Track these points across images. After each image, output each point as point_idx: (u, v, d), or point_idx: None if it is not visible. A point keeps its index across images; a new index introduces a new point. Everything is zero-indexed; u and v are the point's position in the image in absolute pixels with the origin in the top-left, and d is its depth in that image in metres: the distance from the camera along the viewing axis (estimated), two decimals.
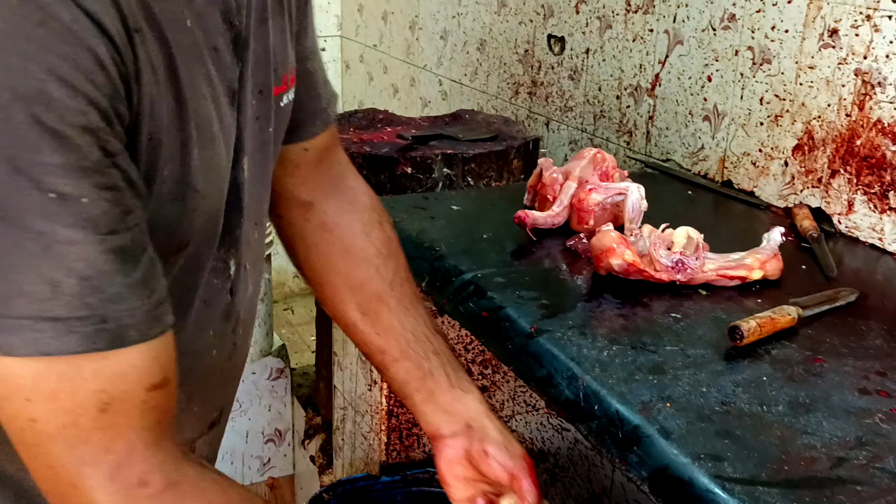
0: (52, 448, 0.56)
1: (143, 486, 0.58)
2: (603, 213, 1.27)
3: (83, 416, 0.56)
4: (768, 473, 0.76)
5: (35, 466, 0.58)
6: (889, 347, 0.99)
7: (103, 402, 0.56)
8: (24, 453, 0.58)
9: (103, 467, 0.57)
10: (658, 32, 1.67)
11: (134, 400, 0.58)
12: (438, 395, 0.94)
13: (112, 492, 0.58)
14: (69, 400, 0.55)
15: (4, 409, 0.56)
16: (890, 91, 1.25)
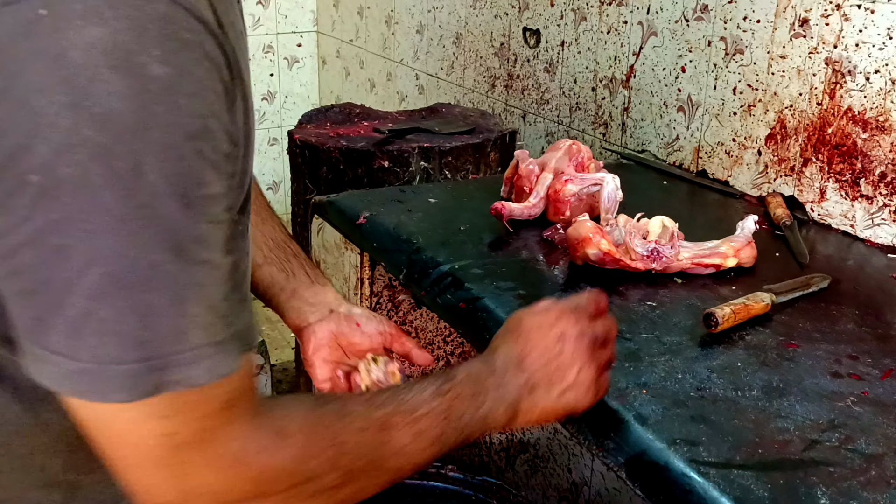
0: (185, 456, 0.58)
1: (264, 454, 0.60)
2: (579, 203, 1.28)
3: (213, 417, 0.58)
4: (743, 456, 0.77)
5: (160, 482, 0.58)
6: (861, 332, 1.00)
7: (230, 400, 0.58)
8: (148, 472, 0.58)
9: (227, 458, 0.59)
10: (632, 24, 1.68)
11: (249, 390, 0.61)
12: (301, 291, 1.02)
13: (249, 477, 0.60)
14: (204, 406, 0.57)
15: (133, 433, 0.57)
16: (860, 79, 1.26)
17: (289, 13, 3.17)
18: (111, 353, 0.53)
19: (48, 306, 0.53)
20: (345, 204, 1.38)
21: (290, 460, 0.62)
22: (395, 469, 0.69)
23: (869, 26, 1.24)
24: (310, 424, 0.64)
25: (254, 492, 0.61)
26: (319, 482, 0.64)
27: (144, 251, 0.52)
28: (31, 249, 0.52)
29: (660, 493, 0.77)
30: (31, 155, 0.50)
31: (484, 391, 0.74)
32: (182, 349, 0.54)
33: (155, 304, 0.53)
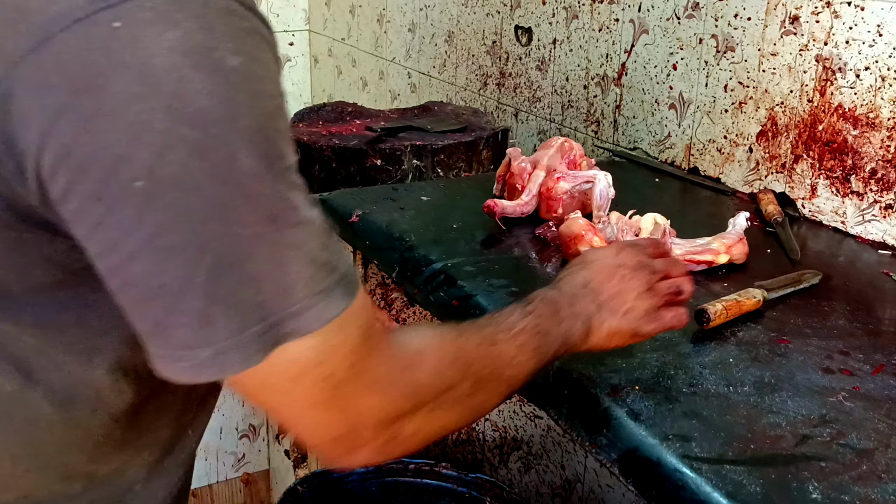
0: (345, 391, 0.63)
1: (408, 371, 0.68)
2: (571, 201, 1.28)
3: (358, 350, 0.63)
4: (735, 452, 0.77)
5: (328, 420, 0.64)
6: (852, 327, 1.01)
7: (364, 333, 0.63)
8: (316, 415, 0.64)
9: (382, 382, 0.65)
10: (623, 22, 1.68)
11: (376, 322, 0.66)
12: None
13: (400, 394, 0.67)
14: (348, 343, 0.62)
15: (295, 388, 0.61)
16: (850, 76, 1.27)
17: (280, 12, 3.17)
18: (234, 327, 0.57)
19: (168, 309, 0.56)
20: (337, 202, 1.38)
21: (430, 373, 0.69)
22: (509, 378, 0.76)
23: (859, 23, 1.25)
24: (436, 343, 0.72)
25: (407, 406, 0.67)
26: (456, 391, 0.71)
27: (248, 227, 0.56)
28: (142, 258, 0.55)
29: (652, 489, 0.78)
30: (133, 163, 0.52)
31: (560, 310, 0.81)
32: (292, 303, 0.58)
33: (262, 271, 0.57)
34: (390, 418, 0.66)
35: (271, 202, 0.57)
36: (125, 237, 0.54)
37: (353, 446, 0.66)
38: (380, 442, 0.67)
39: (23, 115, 0.53)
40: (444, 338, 0.73)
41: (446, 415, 0.71)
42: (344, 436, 0.65)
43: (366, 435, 0.66)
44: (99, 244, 0.55)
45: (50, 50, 0.52)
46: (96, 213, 0.54)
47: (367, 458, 0.68)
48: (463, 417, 0.75)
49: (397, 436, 0.67)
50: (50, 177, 0.53)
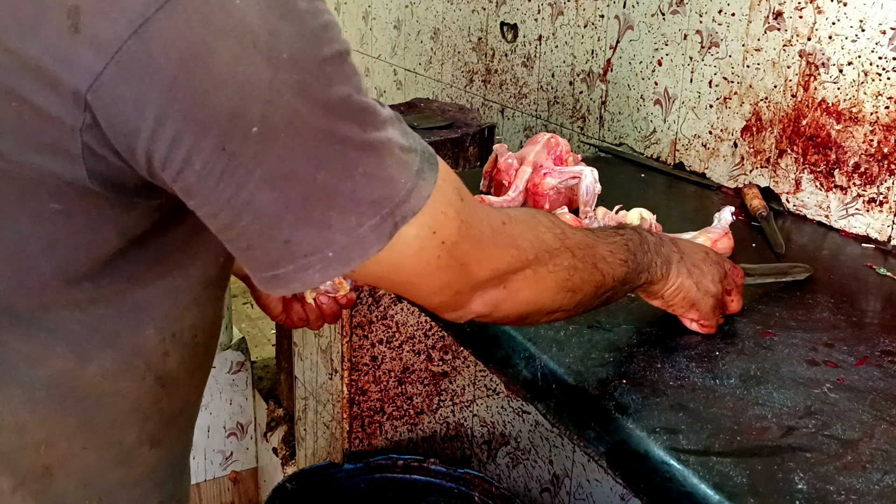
0: (460, 250, 0.69)
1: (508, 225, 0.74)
2: (558, 196, 1.29)
3: (462, 212, 0.68)
4: (721, 444, 0.78)
5: (450, 279, 0.70)
6: (836, 320, 1.02)
7: (460, 194, 0.69)
8: (440, 277, 0.69)
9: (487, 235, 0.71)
10: (609, 18, 1.69)
11: (462, 184, 0.71)
12: None
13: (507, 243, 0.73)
14: (451, 208, 0.67)
15: (419, 262, 0.67)
16: (833, 71, 1.28)
17: None
18: (354, 221, 0.62)
19: (292, 226, 0.62)
20: None
21: (530, 230, 0.76)
22: (602, 271, 0.82)
23: (842, 18, 1.26)
24: (529, 211, 0.80)
25: (515, 257, 0.73)
26: (557, 257, 0.77)
27: (349, 140, 0.61)
28: (266, 187, 0.60)
29: (640, 481, 0.78)
30: (247, 115, 0.58)
31: (647, 243, 0.88)
32: (398, 190, 0.64)
33: (369, 169, 0.63)
34: (503, 269, 0.73)
35: (361, 112, 0.62)
36: (250, 173, 0.59)
37: (473, 296, 0.73)
38: (496, 291, 0.73)
39: (133, 98, 0.56)
40: (537, 212, 0.80)
41: (550, 282, 0.77)
42: (465, 288, 0.71)
43: (484, 285, 0.72)
44: (226, 189, 0.60)
45: (150, 31, 0.55)
46: (221, 162, 0.58)
47: (484, 306, 0.74)
48: (564, 294, 0.79)
49: (509, 287, 0.74)
50: (171, 147, 0.58)
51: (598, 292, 0.82)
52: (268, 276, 0.64)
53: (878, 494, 0.72)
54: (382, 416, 1.62)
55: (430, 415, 1.68)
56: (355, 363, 1.54)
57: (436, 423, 1.70)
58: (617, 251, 0.83)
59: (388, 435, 1.63)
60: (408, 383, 1.62)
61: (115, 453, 0.75)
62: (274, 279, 0.64)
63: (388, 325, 1.54)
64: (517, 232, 0.75)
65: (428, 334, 1.58)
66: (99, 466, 0.75)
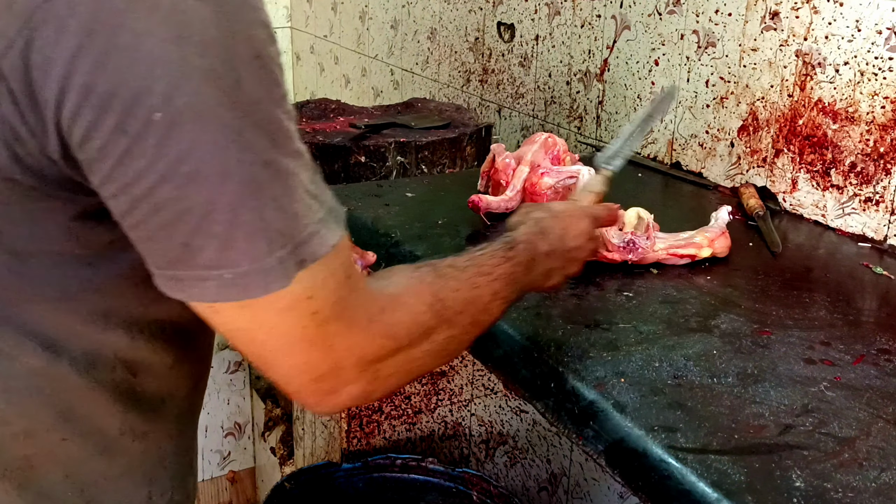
0: (329, 329, 0.64)
1: (386, 312, 0.69)
2: (555, 196, 1.29)
3: (342, 288, 0.65)
4: (719, 442, 0.78)
5: (311, 359, 0.65)
6: (832, 318, 1.02)
7: (346, 272, 0.65)
8: (302, 353, 0.65)
9: (362, 321, 0.67)
10: (605, 18, 1.69)
11: (354, 262, 0.68)
12: None
13: (380, 333, 0.68)
14: (333, 280, 0.64)
15: (283, 322, 0.63)
16: (829, 71, 1.28)
17: None
18: (263, 250, 0.60)
19: (192, 230, 0.58)
20: None
21: (407, 315, 0.71)
22: (482, 323, 0.79)
23: (838, 18, 1.26)
24: (414, 285, 0.74)
25: (386, 346, 0.69)
26: (433, 335, 0.73)
27: (260, 153, 0.59)
28: (167, 183, 0.57)
29: (638, 479, 0.79)
30: (151, 95, 0.55)
31: (535, 260, 0.86)
32: (301, 229, 0.61)
33: (277, 196, 0.60)
34: (370, 358, 0.68)
35: (274, 128, 0.60)
36: (150, 165, 0.56)
37: (335, 386, 0.68)
38: (361, 382, 0.68)
39: (42, 65, 0.55)
40: (422, 280, 0.75)
41: (423, 357, 0.73)
42: (327, 375, 0.66)
43: (348, 375, 0.67)
44: (124, 175, 0.57)
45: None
46: (121, 145, 0.56)
47: (348, 398, 0.69)
48: (438, 360, 0.77)
49: (377, 376, 0.69)
50: (72, 120, 0.56)
51: (472, 340, 0.80)
52: (167, 274, 0.61)
53: (875, 492, 0.72)
54: (380, 415, 1.62)
55: (429, 414, 1.69)
56: None
57: (434, 423, 1.71)
58: (502, 289, 0.80)
59: (387, 434, 1.64)
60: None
61: (96, 444, 0.75)
62: (174, 281, 0.61)
63: None
64: (395, 319, 0.70)
65: None
66: (80, 457, 0.74)
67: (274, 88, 0.60)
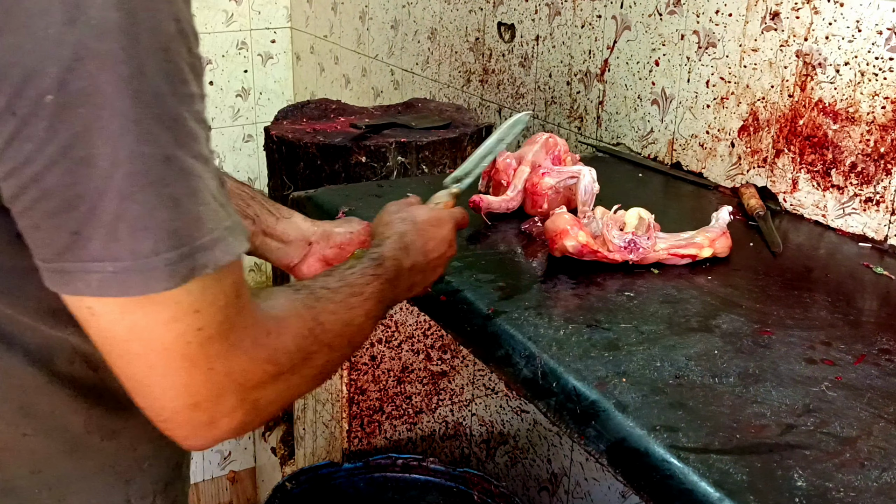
0: (212, 349, 0.62)
1: (271, 336, 0.67)
2: (556, 196, 1.29)
3: (230, 307, 0.62)
4: (721, 441, 0.78)
5: (191, 381, 0.62)
6: (833, 318, 1.02)
7: (237, 291, 0.63)
8: (181, 372, 0.61)
9: (246, 344, 0.64)
10: (606, 18, 1.70)
11: (245, 283, 0.66)
12: (272, 231, 1.06)
13: (264, 358, 0.66)
14: (224, 297, 0.62)
15: (164, 335, 0.60)
16: (830, 71, 1.29)
17: (262, 9, 3.16)
18: (148, 247, 0.57)
19: (83, 218, 0.56)
20: (323, 199, 1.38)
21: (290, 339, 0.69)
22: (357, 344, 0.80)
23: (838, 19, 1.26)
24: (296, 309, 0.72)
25: (269, 373, 0.67)
26: (313, 360, 0.72)
27: (159, 147, 0.56)
28: (57, 168, 0.55)
29: (640, 479, 0.79)
30: (43, 77, 0.53)
31: (400, 276, 0.88)
32: (203, 234, 0.59)
33: (176, 195, 0.57)
34: (251, 385, 0.65)
35: (177, 126, 0.58)
36: (40, 149, 0.55)
37: (213, 416, 0.64)
38: (240, 413, 0.65)
39: None
40: (303, 304, 0.73)
41: (302, 382, 0.72)
42: (204, 402, 0.63)
43: (227, 403, 0.64)
44: (13, 159, 0.55)
45: None
46: (10, 127, 0.54)
47: (226, 430, 0.65)
48: (315, 383, 0.76)
49: (257, 406, 0.67)
50: None
51: (349, 357, 0.81)
52: (54, 267, 0.58)
53: (877, 491, 0.72)
54: (382, 415, 1.62)
55: (429, 414, 1.69)
56: (354, 362, 1.54)
57: (435, 423, 1.71)
58: (373, 308, 0.81)
59: (388, 434, 1.64)
60: (407, 382, 1.63)
61: (63, 441, 0.73)
62: (59, 274, 0.58)
63: (387, 324, 1.54)
64: (279, 344, 0.68)
65: (427, 334, 1.59)
66: (47, 454, 0.72)
67: (180, 86, 0.58)
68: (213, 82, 3.14)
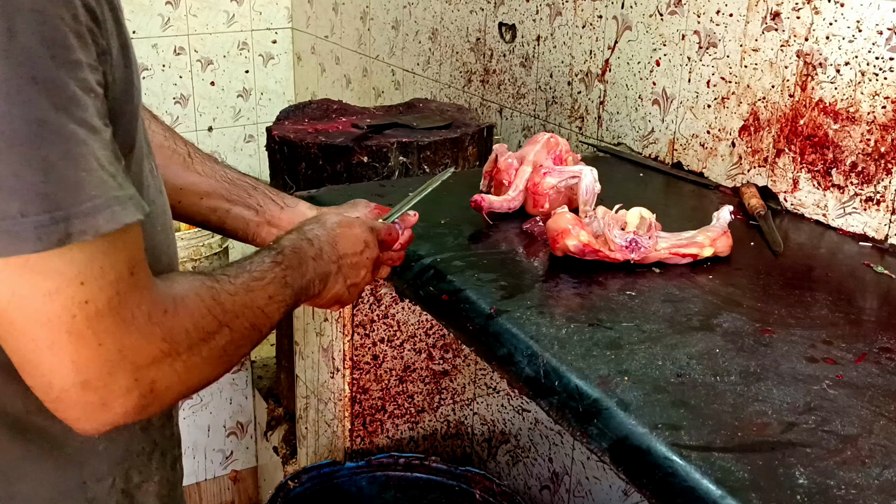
0: (101, 324, 0.61)
1: (168, 315, 0.66)
2: (557, 196, 1.30)
3: (122, 283, 0.61)
4: (722, 440, 0.79)
5: (79, 356, 0.61)
6: (834, 317, 1.03)
7: (132, 268, 0.62)
8: (67, 347, 0.60)
9: (140, 321, 0.63)
10: (607, 18, 1.70)
11: (144, 262, 0.65)
12: (277, 222, 1.06)
13: (160, 336, 0.65)
14: (113, 272, 0.61)
15: (47, 306, 0.59)
16: (831, 71, 1.29)
17: (263, 10, 3.16)
18: (14, 209, 0.56)
19: None
20: (325, 199, 1.39)
21: (188, 319, 0.69)
22: (261, 327, 0.78)
23: (839, 19, 1.27)
24: (195, 289, 0.72)
25: (165, 351, 0.66)
26: (213, 341, 0.71)
27: (31, 109, 0.56)
28: None
29: (642, 477, 0.79)
30: None
31: (306, 262, 0.87)
32: (83, 200, 0.58)
33: (49, 158, 0.57)
34: (146, 362, 0.64)
35: (55, 90, 0.57)
36: None
37: (105, 397, 0.62)
38: (135, 395, 0.64)
39: None
40: (202, 285, 0.73)
41: (205, 367, 0.71)
42: (95, 381, 0.62)
43: (120, 382, 0.63)
44: None
45: None
46: None
47: (120, 413, 0.64)
48: (219, 368, 0.74)
49: (154, 388, 0.65)
50: None
51: (255, 344, 0.79)
52: None
53: (878, 489, 0.73)
54: (384, 414, 1.63)
55: (431, 413, 1.69)
56: (357, 362, 1.55)
57: (437, 422, 1.71)
58: (276, 293, 0.81)
59: (390, 433, 1.64)
60: (409, 382, 1.63)
61: (4, 425, 0.72)
62: None
63: (390, 323, 1.55)
64: (176, 323, 0.67)
65: (429, 333, 1.59)
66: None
67: (60, 50, 0.57)
68: (215, 83, 3.15)
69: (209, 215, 1.04)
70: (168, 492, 0.88)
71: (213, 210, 1.04)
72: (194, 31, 3.06)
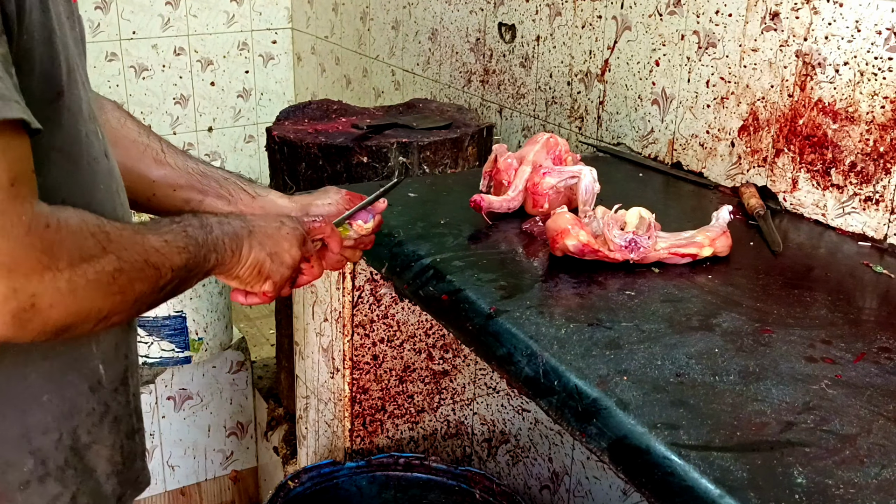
0: None
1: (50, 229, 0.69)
2: (557, 196, 1.30)
3: (1, 192, 0.64)
4: (721, 439, 0.79)
5: None
6: (833, 317, 1.03)
7: (11, 178, 0.65)
8: None
9: (17, 230, 0.66)
10: (606, 18, 1.70)
11: (31, 178, 0.68)
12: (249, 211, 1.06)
13: (39, 248, 0.67)
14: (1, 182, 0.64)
15: None
16: (829, 71, 1.29)
17: (263, 10, 3.16)
18: None
19: None
20: None
21: (69, 237, 0.70)
22: (157, 264, 0.78)
23: (838, 19, 1.27)
24: (79, 215, 0.73)
25: (44, 264, 0.68)
26: (98, 264, 0.72)
27: None
28: None
29: (642, 476, 0.79)
30: None
31: (209, 222, 0.87)
32: None
33: None
34: (23, 271, 0.66)
35: None
36: None
37: None
38: (13, 303, 0.66)
39: None
40: (91, 215, 0.74)
41: (91, 291, 0.72)
42: None
43: None
44: None
45: None
46: None
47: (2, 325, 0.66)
48: (111, 298, 0.75)
49: (36, 303, 0.67)
50: None
51: (157, 286, 0.79)
52: None
53: (877, 488, 0.73)
54: (384, 414, 1.63)
55: (431, 413, 1.70)
56: (356, 362, 1.55)
57: (436, 422, 1.71)
58: (173, 240, 0.81)
59: (390, 433, 1.65)
60: (409, 382, 1.63)
61: None
62: None
63: (389, 323, 1.55)
64: (57, 238, 0.69)
65: (428, 333, 1.59)
66: None
67: None
68: (215, 83, 3.15)
69: (183, 206, 1.06)
70: (123, 460, 0.89)
71: (186, 201, 1.06)
72: (194, 31, 3.06)
